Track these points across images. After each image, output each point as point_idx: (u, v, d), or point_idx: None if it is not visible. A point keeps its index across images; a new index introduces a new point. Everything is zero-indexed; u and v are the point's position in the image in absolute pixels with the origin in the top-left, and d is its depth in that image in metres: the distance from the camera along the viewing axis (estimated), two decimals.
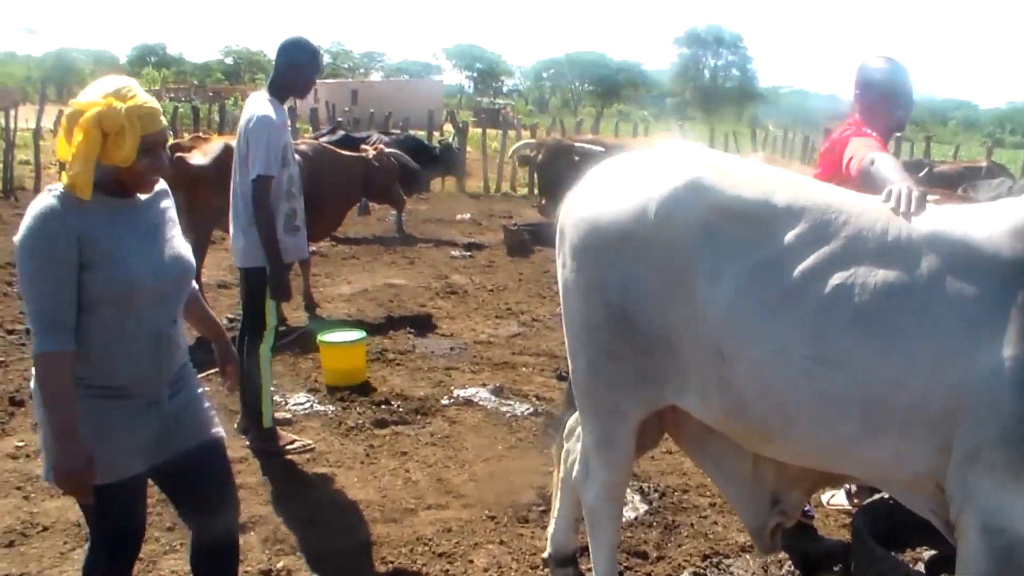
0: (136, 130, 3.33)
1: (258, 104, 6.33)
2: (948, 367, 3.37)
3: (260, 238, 6.18)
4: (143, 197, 3.55)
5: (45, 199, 3.34)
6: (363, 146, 11.73)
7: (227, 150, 9.15)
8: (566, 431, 4.86)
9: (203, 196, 8.92)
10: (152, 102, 3.43)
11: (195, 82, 79.69)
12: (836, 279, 3.47)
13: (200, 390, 3.84)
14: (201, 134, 12.04)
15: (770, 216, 3.61)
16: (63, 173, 3.36)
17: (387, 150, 10.94)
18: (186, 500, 3.86)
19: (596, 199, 3.93)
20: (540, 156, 10.71)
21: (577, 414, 4.70)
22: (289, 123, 6.62)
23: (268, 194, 6.14)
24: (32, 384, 3.47)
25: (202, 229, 9.16)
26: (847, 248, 3.51)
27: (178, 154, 9.38)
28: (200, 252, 9.41)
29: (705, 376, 3.70)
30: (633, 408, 4.00)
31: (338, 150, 11.04)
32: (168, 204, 3.71)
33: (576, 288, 3.99)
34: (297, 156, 6.77)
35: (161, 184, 3.64)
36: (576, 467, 4.53)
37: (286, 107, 6.55)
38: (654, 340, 3.77)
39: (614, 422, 4.07)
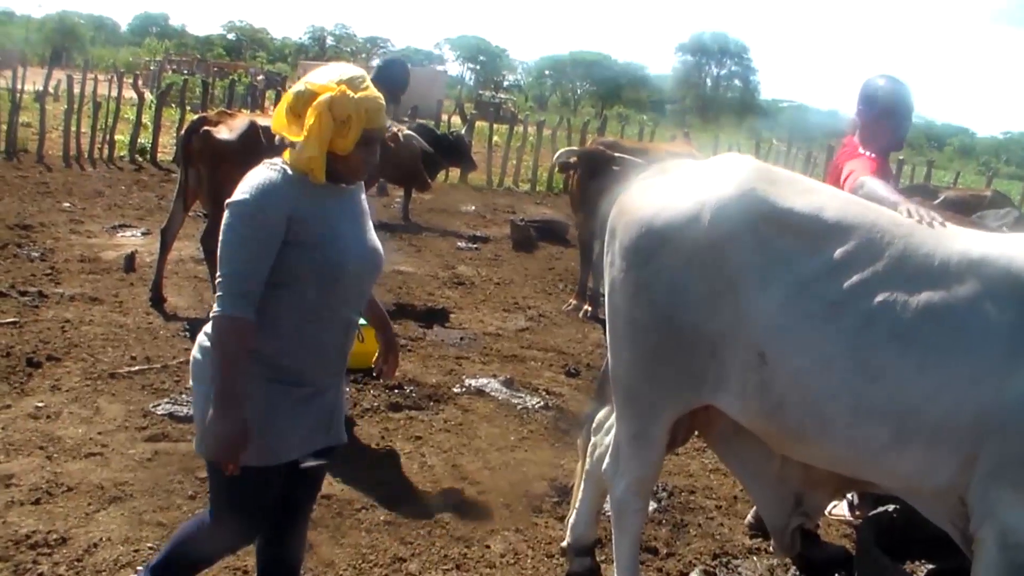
0: (361, 121, 3.39)
1: None
2: (981, 386, 3.51)
3: None
4: (346, 186, 3.61)
5: (264, 171, 3.43)
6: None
7: (252, 127, 9.25)
8: (594, 425, 4.97)
9: (227, 170, 8.96)
10: (380, 98, 3.48)
11: (197, 56, 79.20)
12: (880, 295, 3.61)
13: (346, 389, 3.85)
14: (226, 110, 12.05)
15: (820, 230, 3.74)
16: (287, 151, 3.46)
17: (407, 132, 10.95)
18: (286, 495, 3.77)
19: (650, 202, 4.04)
20: (583, 168, 10.77)
21: (606, 409, 4.83)
22: None
23: None
24: (195, 353, 3.53)
25: (222, 203, 9.18)
26: (892, 267, 3.65)
27: (205, 128, 9.45)
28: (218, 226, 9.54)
29: (745, 378, 3.83)
30: (670, 405, 4.13)
31: None
32: (363, 197, 3.77)
33: (623, 287, 4.10)
34: None
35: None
36: (606, 460, 4.63)
37: None
38: (697, 341, 3.90)
39: (650, 418, 4.19)
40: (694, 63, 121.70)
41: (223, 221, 3.37)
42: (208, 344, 3.44)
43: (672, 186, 4.08)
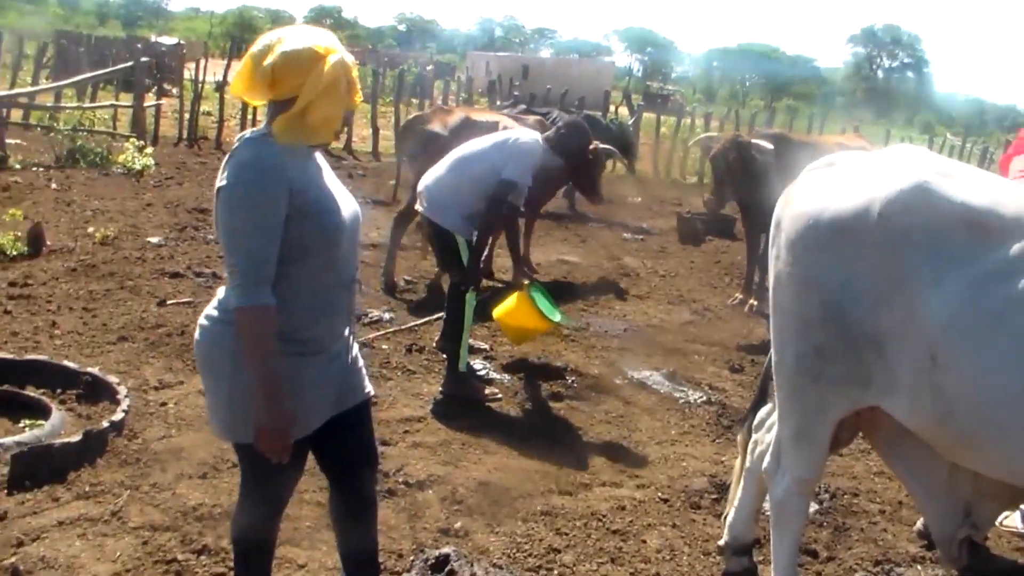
0: (356, 86, 3.38)
1: (536, 138, 7.58)
2: None
3: (480, 232, 7.19)
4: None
5: (252, 147, 3.32)
6: None
7: (466, 121, 9.73)
8: (756, 421, 4.88)
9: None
10: None
11: (369, 46, 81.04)
12: None
13: (356, 345, 3.84)
14: (443, 106, 12.78)
15: (997, 226, 3.57)
16: (281, 116, 3.31)
17: (603, 146, 11.10)
18: (335, 454, 3.83)
19: (818, 194, 3.93)
20: (716, 150, 10.73)
21: (768, 406, 4.73)
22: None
23: (507, 198, 7.16)
24: (199, 338, 3.48)
25: None
26: None
27: (419, 124, 10.23)
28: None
29: (915, 380, 3.68)
30: (835, 405, 4.00)
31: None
32: (322, 159, 3.66)
33: (790, 281, 4.00)
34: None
35: None
36: (767, 458, 4.53)
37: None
38: (866, 340, 3.77)
39: (814, 417, 4.08)
40: (865, 55, 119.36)
41: (221, 209, 3.29)
42: (213, 327, 3.42)
43: (841, 178, 3.95)
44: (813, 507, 5.82)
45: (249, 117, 19.81)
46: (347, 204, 3.57)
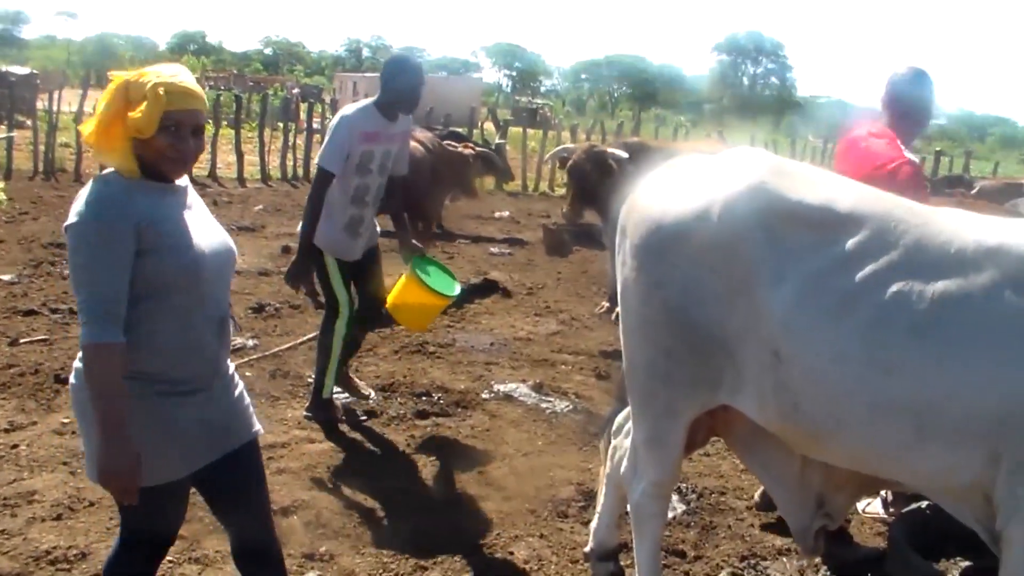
0: (160, 103, 3.20)
1: (351, 106, 6.80)
2: (1003, 379, 3.37)
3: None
4: (179, 183, 3.44)
5: (100, 185, 3.25)
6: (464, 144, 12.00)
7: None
8: (614, 427, 4.89)
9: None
10: (189, 84, 3.32)
11: (234, 71, 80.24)
12: (895, 287, 3.47)
13: (241, 383, 3.75)
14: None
15: (832, 222, 3.63)
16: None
17: (481, 150, 11.15)
18: (225, 498, 3.72)
19: (660, 199, 3.96)
20: (571, 160, 10.81)
21: (626, 411, 4.75)
22: (391, 135, 6.81)
23: (321, 185, 6.50)
24: (73, 380, 3.39)
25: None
26: (907, 257, 3.52)
27: None
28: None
29: (761, 377, 3.72)
30: (687, 407, 4.03)
31: (450, 147, 11.44)
32: (195, 195, 3.59)
33: (636, 286, 4.02)
34: (421, 148, 7.04)
35: (183, 180, 3.51)
36: (624, 463, 4.56)
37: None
38: (712, 340, 3.80)
39: (666, 420, 4.10)
40: (730, 62, 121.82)
41: (68, 245, 3.20)
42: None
43: (682, 182, 3.99)
44: (681, 508, 5.89)
45: None
46: (214, 238, 3.50)
